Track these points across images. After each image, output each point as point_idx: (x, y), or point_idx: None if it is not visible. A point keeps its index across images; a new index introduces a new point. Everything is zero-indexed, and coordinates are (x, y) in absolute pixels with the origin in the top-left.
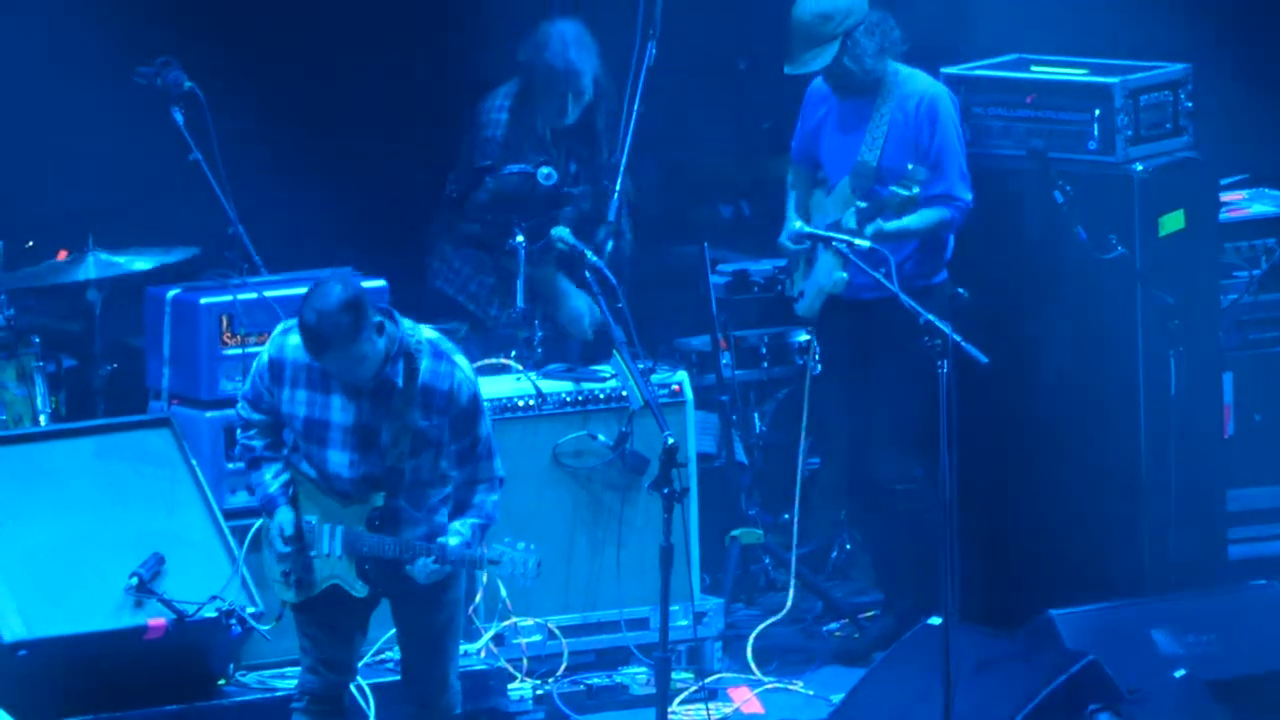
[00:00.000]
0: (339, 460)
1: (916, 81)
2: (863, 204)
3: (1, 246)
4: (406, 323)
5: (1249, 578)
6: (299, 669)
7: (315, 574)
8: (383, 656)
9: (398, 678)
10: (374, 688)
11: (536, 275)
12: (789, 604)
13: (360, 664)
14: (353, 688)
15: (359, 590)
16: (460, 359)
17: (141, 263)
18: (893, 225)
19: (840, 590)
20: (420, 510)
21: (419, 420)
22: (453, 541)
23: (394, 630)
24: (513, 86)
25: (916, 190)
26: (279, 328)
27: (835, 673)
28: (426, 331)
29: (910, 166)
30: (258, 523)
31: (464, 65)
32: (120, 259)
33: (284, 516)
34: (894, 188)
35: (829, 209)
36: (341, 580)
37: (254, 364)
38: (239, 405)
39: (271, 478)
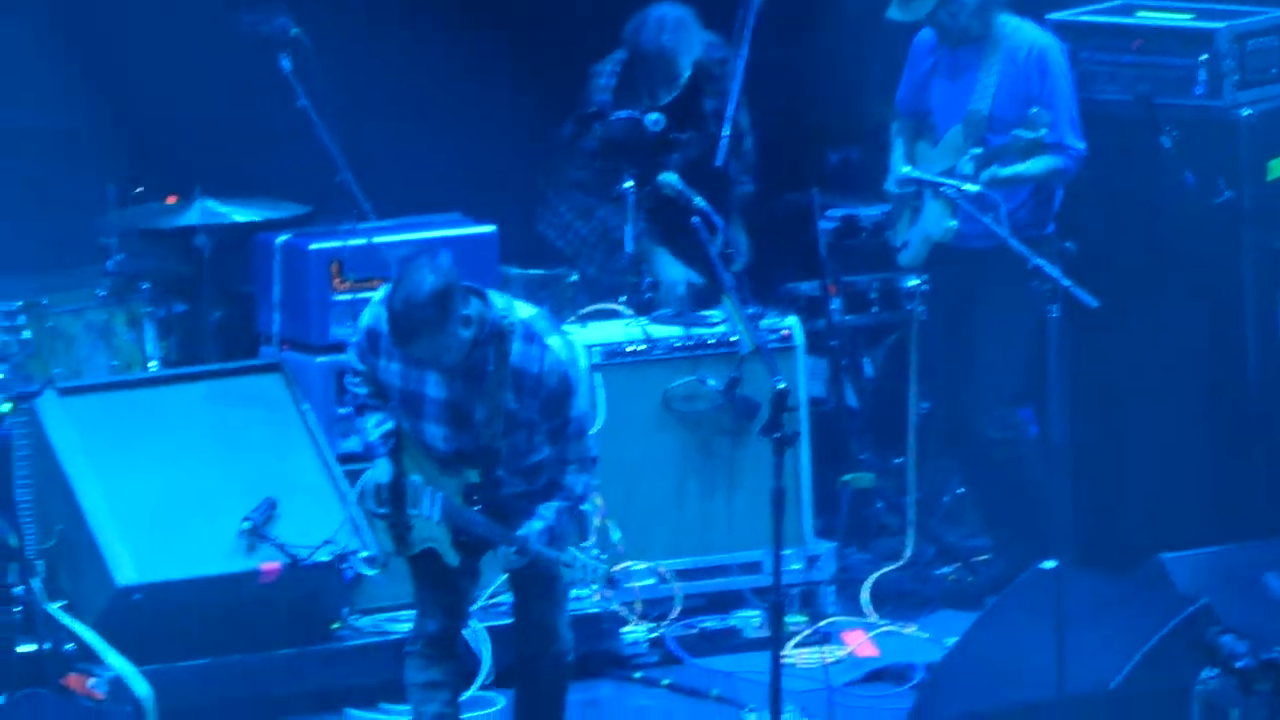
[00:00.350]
0: (434, 433)
1: (1025, 32)
2: (978, 150)
3: (112, 191)
4: (501, 302)
5: None
6: (413, 613)
7: (414, 534)
8: (498, 600)
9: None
10: (490, 630)
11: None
12: (908, 550)
13: (475, 608)
14: (466, 633)
15: (452, 559)
16: (554, 340)
17: (248, 215)
18: (1008, 171)
19: (953, 534)
20: (520, 479)
21: (510, 402)
22: (536, 527)
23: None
24: (622, 54)
25: (1043, 131)
26: (376, 295)
27: (948, 616)
28: (523, 310)
29: (1033, 110)
30: (358, 484)
31: (577, 11)
32: (227, 209)
33: (381, 469)
34: (1018, 131)
35: (935, 159)
36: (438, 545)
37: (358, 325)
38: (349, 350)
39: (373, 426)
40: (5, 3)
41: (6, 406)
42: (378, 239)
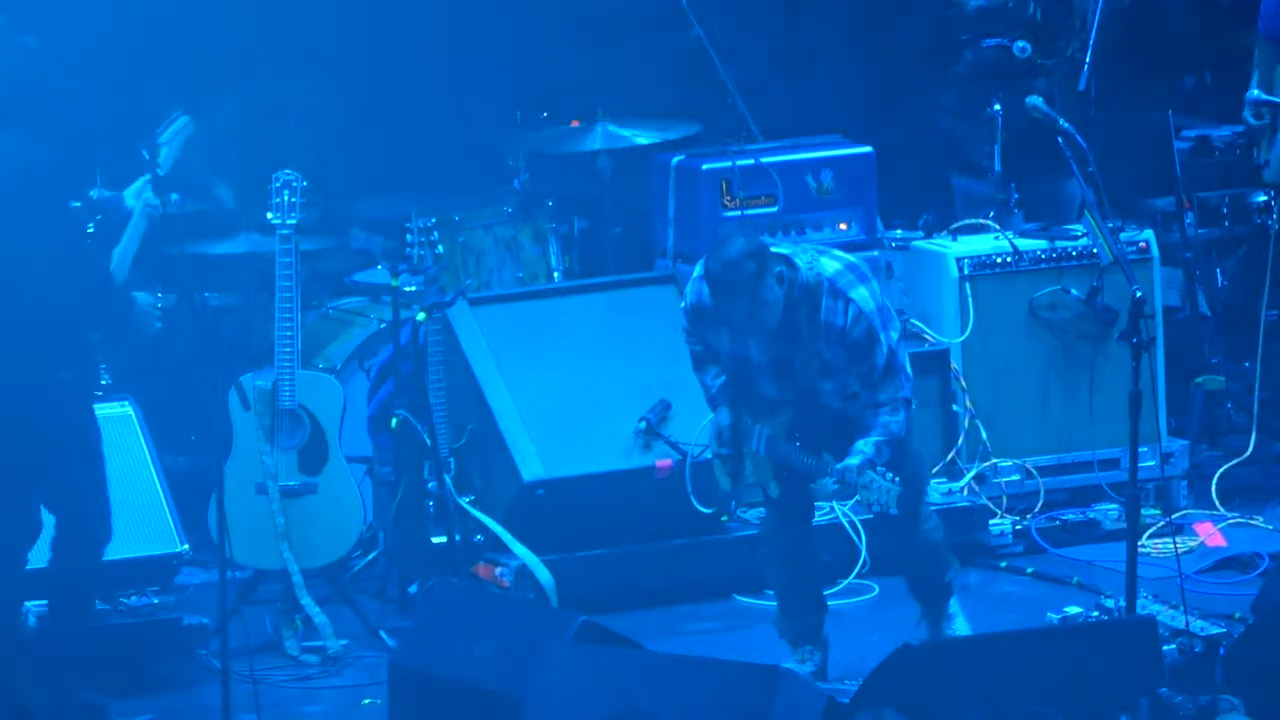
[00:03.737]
0: (765, 387)
1: None
2: None
3: (519, 116)
4: (804, 260)
5: None
6: None
7: (745, 470)
8: None
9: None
10: (864, 523)
11: None
12: (1251, 446)
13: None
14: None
15: (773, 491)
16: (858, 292)
17: (645, 137)
18: None
19: None
20: (837, 418)
21: (824, 351)
22: (854, 462)
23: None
24: None
25: None
26: (694, 275)
27: None
28: (829, 266)
29: None
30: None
31: None
32: (626, 132)
33: (723, 417)
34: None
35: None
36: (761, 479)
37: (683, 299)
38: (681, 315)
39: (711, 378)
40: None
41: (421, 315)
42: (765, 159)
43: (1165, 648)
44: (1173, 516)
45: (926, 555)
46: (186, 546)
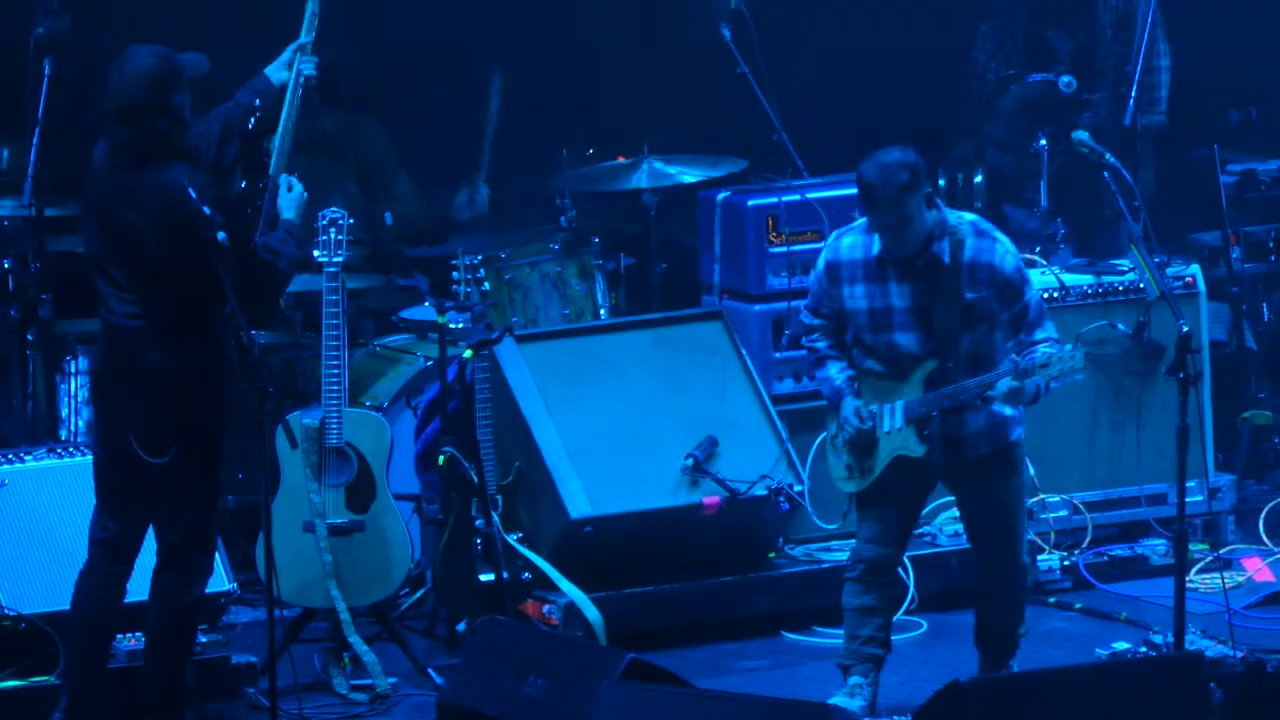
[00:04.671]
0: (906, 339)
1: None
2: None
3: (565, 154)
4: (949, 210)
5: None
6: (852, 541)
7: (877, 454)
8: (921, 531)
9: (935, 550)
10: (913, 559)
11: None
12: None
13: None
14: None
15: (916, 450)
16: (1001, 235)
17: (690, 175)
18: None
19: None
20: (972, 372)
21: (967, 294)
22: (1018, 362)
23: (933, 504)
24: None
25: None
26: (831, 236)
27: None
28: (967, 215)
29: None
30: (820, 436)
31: None
32: (672, 170)
33: (850, 405)
34: None
35: None
36: (903, 448)
37: (811, 274)
38: (801, 314)
39: (837, 373)
40: None
41: (468, 353)
42: (810, 194)
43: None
44: (1220, 551)
45: (1012, 593)
46: (235, 585)
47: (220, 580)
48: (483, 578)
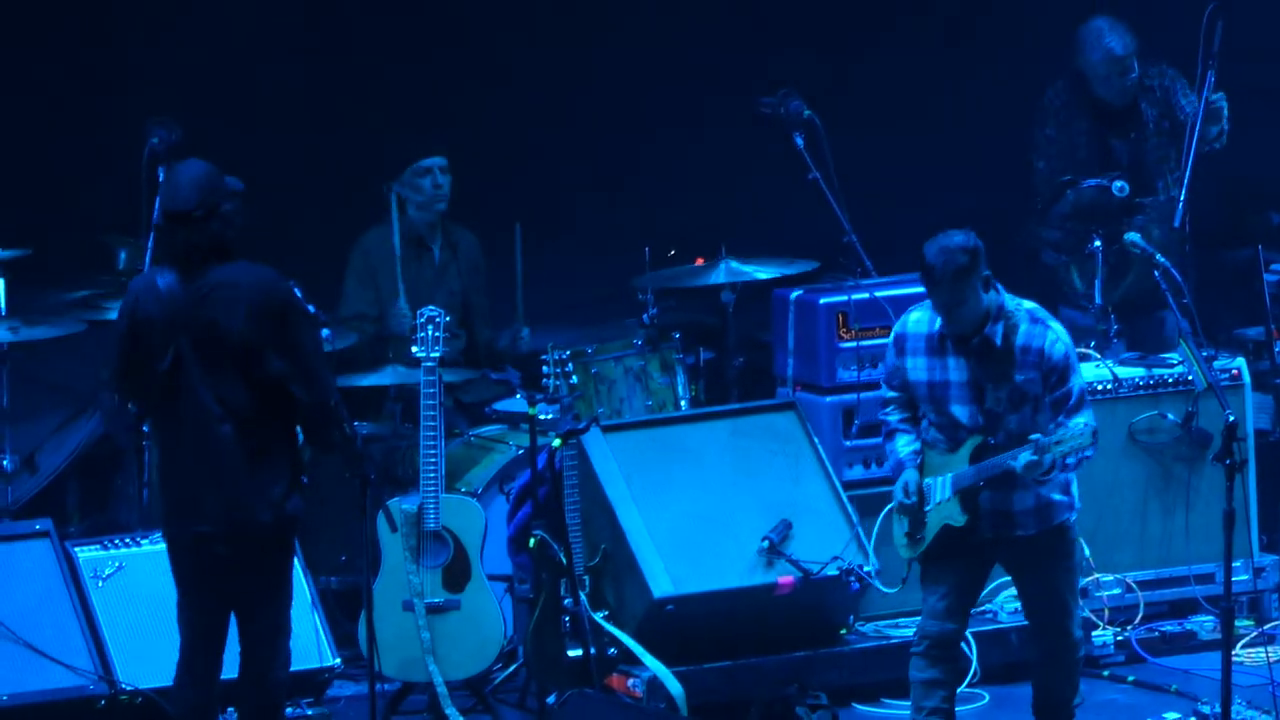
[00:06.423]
0: (960, 412)
1: None
2: None
3: (647, 253)
4: (1009, 295)
5: None
6: (918, 618)
7: (927, 526)
8: (983, 609)
9: (996, 626)
10: (976, 634)
11: None
12: None
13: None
14: None
15: (959, 519)
16: (1055, 324)
17: (765, 272)
18: None
19: None
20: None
21: (1016, 376)
22: (1039, 437)
23: (994, 584)
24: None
25: None
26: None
27: None
28: (1026, 303)
29: None
30: (885, 509)
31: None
32: (748, 268)
33: (909, 476)
34: None
35: None
36: (949, 518)
37: (889, 342)
38: (882, 387)
39: (903, 445)
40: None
41: (557, 442)
42: (879, 293)
43: None
44: (1265, 627)
45: (1066, 666)
46: (338, 660)
47: (325, 655)
48: (571, 653)
